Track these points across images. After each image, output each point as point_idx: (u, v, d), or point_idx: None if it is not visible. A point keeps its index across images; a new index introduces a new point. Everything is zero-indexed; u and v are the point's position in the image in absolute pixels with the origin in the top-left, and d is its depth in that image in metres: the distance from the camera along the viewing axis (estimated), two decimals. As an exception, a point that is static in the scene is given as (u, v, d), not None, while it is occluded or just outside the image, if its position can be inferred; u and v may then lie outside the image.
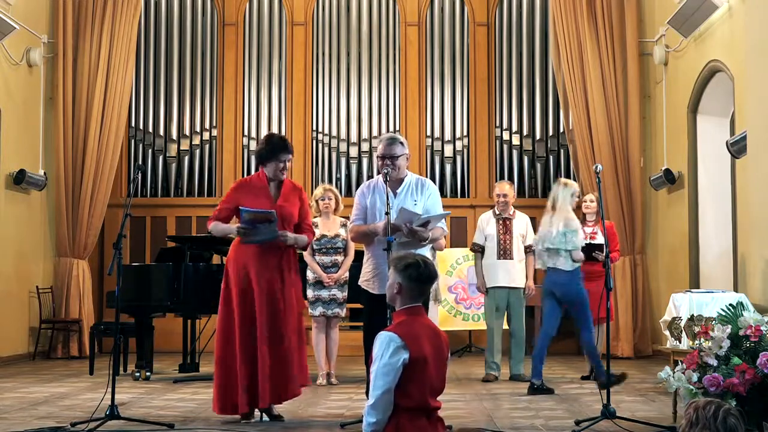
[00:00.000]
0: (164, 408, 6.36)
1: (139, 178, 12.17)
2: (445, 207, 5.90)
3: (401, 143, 5.56)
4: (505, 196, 8.36)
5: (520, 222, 8.41)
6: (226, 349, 5.63)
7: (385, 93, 12.55)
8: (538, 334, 7.75)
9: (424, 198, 5.54)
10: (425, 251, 5.46)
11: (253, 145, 12.23)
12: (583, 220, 8.47)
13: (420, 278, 3.84)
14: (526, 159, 12.31)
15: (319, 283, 7.97)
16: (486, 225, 8.40)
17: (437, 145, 12.40)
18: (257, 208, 5.62)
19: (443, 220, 5.69)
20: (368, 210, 5.54)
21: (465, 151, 12.44)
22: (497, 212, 8.40)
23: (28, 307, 11.01)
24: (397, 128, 12.41)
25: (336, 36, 12.64)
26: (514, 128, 12.36)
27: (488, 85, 12.56)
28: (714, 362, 4.73)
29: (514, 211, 8.41)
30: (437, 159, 12.37)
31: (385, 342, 3.70)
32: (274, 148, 5.77)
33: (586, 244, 8.24)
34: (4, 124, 10.37)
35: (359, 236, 5.60)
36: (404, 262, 3.89)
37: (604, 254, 5.82)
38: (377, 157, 5.58)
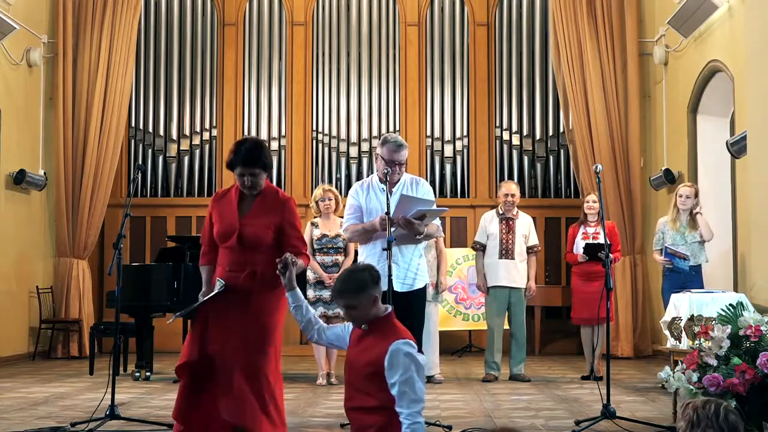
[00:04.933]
0: (164, 408, 6.36)
1: (139, 178, 12.17)
2: (445, 207, 5.90)
3: (405, 147, 5.56)
4: (513, 195, 8.36)
5: (524, 222, 8.41)
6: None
7: (385, 93, 12.53)
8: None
9: (419, 195, 5.53)
10: (415, 253, 5.43)
11: (252, 146, 12.19)
12: (585, 221, 8.49)
13: (379, 278, 3.83)
14: (526, 159, 12.30)
15: (320, 283, 7.97)
16: (489, 224, 8.40)
17: (437, 145, 12.39)
18: (223, 227, 4.57)
19: (438, 219, 5.66)
20: (364, 209, 5.51)
21: (465, 151, 12.43)
22: (501, 211, 8.40)
23: (28, 307, 11.01)
24: (397, 128, 12.40)
25: (336, 36, 12.63)
26: (514, 128, 12.35)
27: (488, 85, 12.55)
28: (714, 362, 4.73)
29: (517, 212, 8.42)
30: (437, 159, 12.36)
31: (407, 350, 3.66)
32: (234, 159, 4.57)
33: (588, 244, 8.27)
34: (4, 124, 10.36)
35: (357, 234, 5.47)
36: (368, 274, 3.84)
37: (605, 254, 5.81)
38: (383, 159, 5.44)
